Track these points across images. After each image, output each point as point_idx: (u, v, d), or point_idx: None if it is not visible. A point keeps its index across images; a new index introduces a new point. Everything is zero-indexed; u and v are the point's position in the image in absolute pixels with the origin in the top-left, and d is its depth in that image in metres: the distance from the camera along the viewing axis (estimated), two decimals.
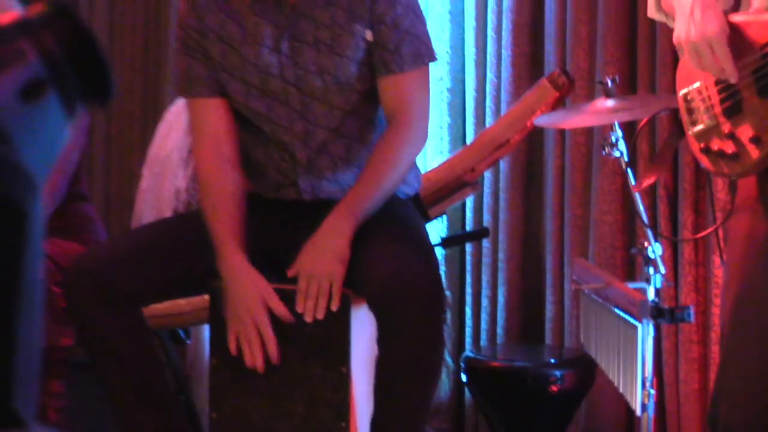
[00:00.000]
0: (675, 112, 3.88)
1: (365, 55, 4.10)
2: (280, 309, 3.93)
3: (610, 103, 4.16)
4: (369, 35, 4.08)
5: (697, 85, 3.51)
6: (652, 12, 3.67)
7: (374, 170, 4.08)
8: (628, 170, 4.15)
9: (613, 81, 4.21)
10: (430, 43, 4.21)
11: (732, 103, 3.44)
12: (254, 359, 3.94)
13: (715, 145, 3.49)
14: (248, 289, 3.96)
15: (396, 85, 4.13)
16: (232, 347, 3.97)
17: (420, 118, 4.17)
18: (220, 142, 4.18)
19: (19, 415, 1.35)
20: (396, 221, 4.12)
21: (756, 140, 3.40)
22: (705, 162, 3.55)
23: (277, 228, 4.15)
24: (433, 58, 4.22)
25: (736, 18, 3.45)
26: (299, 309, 3.93)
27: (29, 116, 1.42)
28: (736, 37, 3.39)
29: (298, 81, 4.09)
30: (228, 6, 4.12)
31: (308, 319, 3.92)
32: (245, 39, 4.11)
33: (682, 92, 3.55)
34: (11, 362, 1.37)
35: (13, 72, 1.41)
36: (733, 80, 3.40)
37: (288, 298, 3.96)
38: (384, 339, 3.89)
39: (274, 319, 3.96)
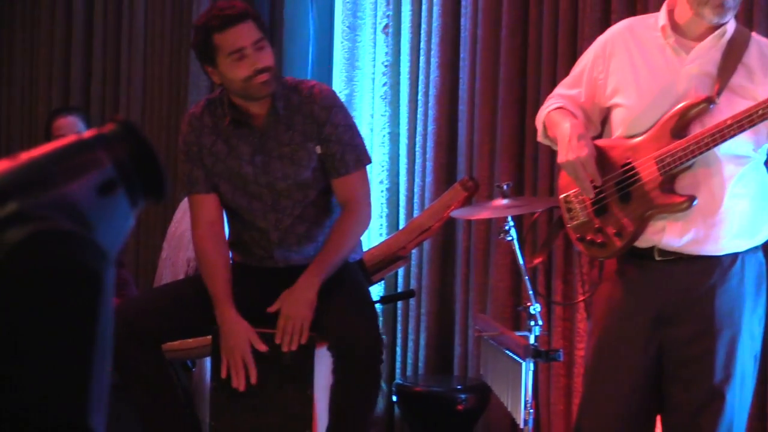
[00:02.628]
0: (552, 210, 3.95)
1: (317, 163, 4.17)
2: (260, 345, 4.03)
3: (504, 201, 4.16)
4: (319, 149, 4.16)
5: (574, 191, 3.59)
6: (540, 138, 3.74)
7: (333, 243, 4.15)
8: (517, 250, 4.15)
9: (507, 186, 4.21)
10: (366, 149, 4.30)
11: (601, 206, 3.52)
12: (239, 382, 4.02)
13: (589, 236, 3.56)
14: (237, 332, 4.04)
15: (344, 183, 4.20)
16: (224, 373, 4.04)
17: (364, 206, 4.25)
18: (213, 225, 4.24)
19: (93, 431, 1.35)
20: (349, 287, 4.19)
21: (618, 235, 3.48)
22: (581, 247, 3.63)
23: (261, 287, 4.17)
24: (369, 161, 4.32)
25: (603, 142, 3.54)
26: (278, 341, 4.01)
27: (104, 207, 1.39)
28: (603, 157, 3.48)
29: (269, 184, 4.17)
30: (217, 130, 4.20)
31: (284, 348, 4.01)
32: (229, 154, 4.19)
33: (562, 196, 3.63)
34: (88, 391, 1.36)
35: (93, 174, 1.39)
36: (590, 196, 3.50)
37: (267, 338, 4.02)
38: (338, 371, 4.00)
39: (258, 355, 4.03)
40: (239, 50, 4.02)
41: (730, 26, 3.44)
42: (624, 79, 3.53)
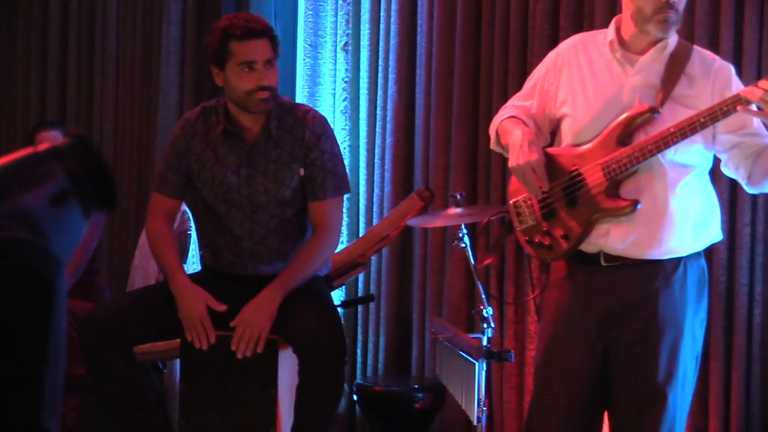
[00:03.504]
0: (503, 217, 3.95)
1: (298, 184, 4.16)
2: (216, 306, 4.06)
3: (458, 210, 4.17)
4: (302, 171, 4.16)
5: (523, 196, 3.59)
6: (493, 145, 3.75)
7: (301, 260, 4.15)
8: (470, 256, 4.12)
9: (460, 195, 4.22)
10: (347, 180, 4.31)
11: (548, 210, 3.53)
12: (201, 343, 4.03)
13: (537, 238, 3.57)
14: (193, 297, 4.07)
15: (320, 207, 4.20)
16: (189, 336, 4.05)
17: (335, 231, 4.26)
18: (166, 221, 4.26)
19: (48, 431, 1.34)
20: (314, 293, 4.18)
21: (565, 237, 3.49)
22: (529, 249, 3.64)
23: (229, 292, 4.13)
24: (347, 191, 4.35)
25: (552, 150, 3.56)
26: (233, 347, 4.01)
27: (57, 217, 1.38)
28: (552, 164, 3.48)
29: (249, 196, 4.16)
30: (207, 137, 4.19)
31: (239, 355, 4.01)
32: (216, 162, 4.18)
33: (512, 201, 3.64)
34: (42, 392, 1.35)
35: (46, 185, 1.39)
36: (538, 197, 3.51)
37: (225, 342, 4.02)
38: (303, 372, 3.97)
39: (228, 367, 4.03)
40: (250, 63, 4.04)
41: (672, 40, 3.47)
42: (573, 91, 3.55)
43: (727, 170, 3.54)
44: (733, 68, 3.53)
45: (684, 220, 3.45)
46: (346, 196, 4.67)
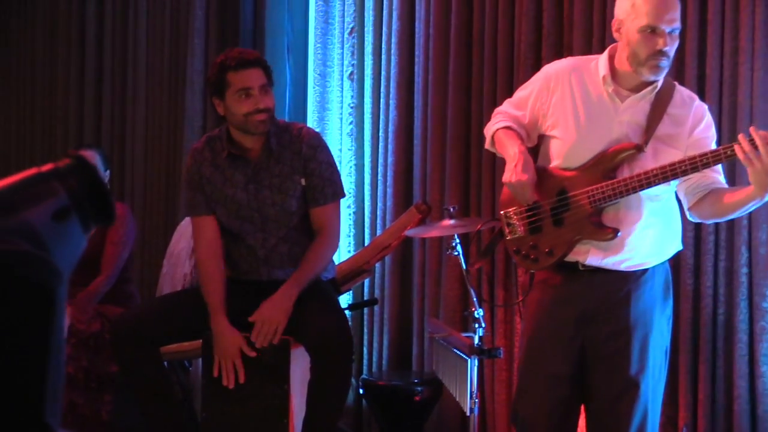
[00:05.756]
0: (494, 227, 3.94)
1: (301, 193, 4.18)
2: (247, 351, 4.03)
3: (452, 222, 4.15)
4: (303, 181, 4.17)
5: (514, 208, 3.57)
6: (488, 146, 3.70)
7: (308, 262, 4.16)
8: (463, 263, 4.12)
9: (454, 208, 4.20)
10: (342, 186, 4.31)
11: (536, 226, 3.52)
12: (229, 381, 4.03)
13: (524, 250, 3.56)
14: (230, 339, 4.05)
15: (320, 212, 4.22)
16: (216, 372, 4.04)
17: (335, 232, 4.27)
18: (213, 244, 4.22)
19: (50, 427, 1.33)
20: (323, 297, 4.19)
21: (549, 253, 3.50)
22: (516, 259, 3.64)
23: (245, 298, 4.13)
24: (344, 195, 4.33)
25: (542, 168, 3.52)
26: (253, 339, 4.02)
27: (59, 231, 1.37)
28: (543, 181, 3.47)
29: (259, 209, 4.17)
30: (215, 162, 4.21)
31: (258, 345, 4.03)
32: (225, 183, 4.20)
33: (503, 211, 3.61)
34: (44, 391, 1.34)
35: (49, 202, 1.38)
36: (526, 205, 3.49)
37: (250, 342, 4.03)
38: (314, 369, 3.99)
39: (245, 365, 4.05)
40: (247, 89, 4.06)
41: (662, 76, 3.42)
42: (564, 116, 3.49)
43: (677, 190, 3.53)
44: (707, 107, 3.52)
45: (652, 239, 3.47)
46: (345, 204, 4.67)
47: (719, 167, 3.43)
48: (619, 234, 3.39)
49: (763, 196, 3.21)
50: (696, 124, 3.43)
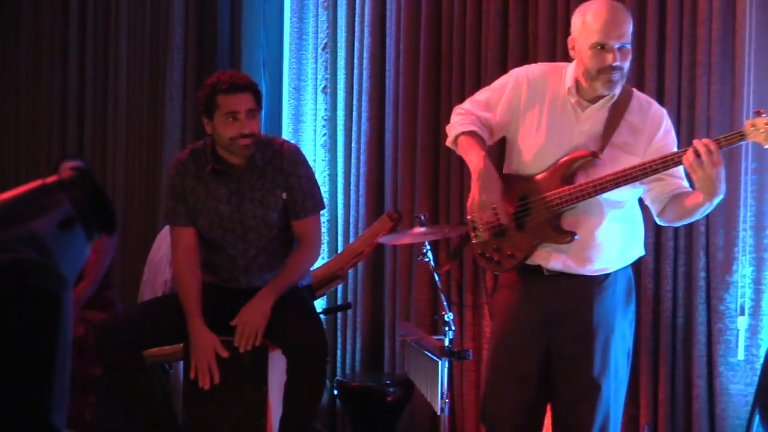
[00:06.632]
0: (461, 234, 3.94)
1: (282, 207, 4.17)
2: (223, 352, 4.01)
3: (423, 229, 4.15)
4: (284, 195, 4.17)
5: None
6: (449, 143, 3.64)
7: (288, 269, 4.18)
8: (433, 268, 4.16)
9: (424, 216, 4.21)
10: (322, 198, 4.32)
11: (499, 230, 3.52)
12: (204, 382, 4.00)
13: (488, 253, 3.57)
14: (204, 342, 4.03)
15: (302, 224, 4.21)
16: (192, 375, 4.03)
17: (316, 243, 4.28)
18: (190, 253, 4.20)
19: (56, 428, 1.32)
20: (299, 303, 4.19)
21: (511, 256, 3.50)
22: (481, 261, 3.64)
23: (225, 304, 4.14)
24: (323, 207, 4.33)
25: (507, 175, 3.53)
26: (236, 344, 4.01)
27: (64, 240, 1.38)
28: (506, 187, 3.45)
29: (241, 221, 4.16)
30: (199, 175, 4.19)
31: (241, 350, 4.02)
32: (208, 195, 4.18)
33: (470, 217, 3.59)
34: (51, 394, 1.35)
35: (54, 212, 1.38)
36: (505, 222, 3.48)
37: (229, 345, 4.02)
38: (291, 370, 3.99)
39: (222, 358, 4.02)
40: (234, 113, 4.04)
41: (618, 87, 3.42)
42: (530, 124, 3.49)
43: (644, 198, 3.54)
44: (665, 111, 3.53)
45: (613, 245, 3.49)
46: (324, 216, 4.66)
47: (682, 172, 3.44)
48: (576, 237, 3.40)
49: (710, 201, 3.25)
50: (654, 131, 3.44)
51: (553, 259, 3.47)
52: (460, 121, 3.60)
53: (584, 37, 3.36)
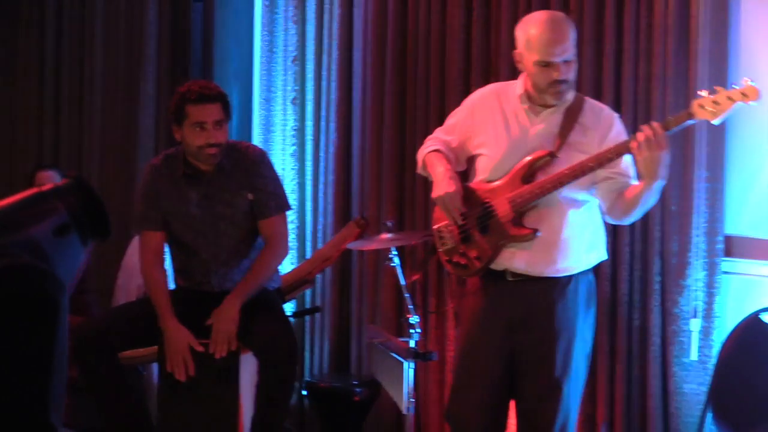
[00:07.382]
0: (426, 241, 3.96)
1: (248, 207, 4.17)
2: (197, 347, 4.02)
3: (389, 235, 4.19)
4: (250, 196, 4.17)
5: (445, 223, 3.59)
6: (419, 170, 3.72)
7: (255, 272, 4.17)
8: (399, 273, 4.19)
9: (391, 223, 4.25)
10: (287, 198, 4.32)
11: (465, 235, 3.55)
12: (180, 375, 4.00)
13: (455, 258, 3.59)
14: (178, 337, 4.04)
15: (268, 224, 4.20)
16: (169, 368, 4.02)
17: (283, 242, 4.28)
18: (157, 255, 4.22)
19: (54, 427, 1.32)
20: (270, 306, 4.20)
21: (478, 258, 3.53)
22: (449, 267, 3.66)
23: (199, 306, 4.14)
24: (289, 208, 4.34)
25: (470, 185, 3.57)
26: (211, 350, 4.01)
27: (60, 246, 1.39)
28: (468, 195, 3.51)
29: (212, 224, 4.17)
30: (172, 180, 4.19)
31: (217, 356, 4.01)
32: (180, 199, 4.18)
33: (436, 227, 3.65)
34: (49, 394, 1.36)
35: (50, 219, 1.39)
36: (458, 222, 3.51)
37: (204, 347, 4.03)
38: (262, 372, 4.00)
39: (198, 368, 4.02)
40: (201, 123, 4.05)
41: (570, 95, 3.48)
42: (488, 135, 3.55)
43: (595, 196, 3.54)
44: (617, 115, 3.58)
45: (575, 245, 3.51)
46: (289, 219, 4.64)
47: (631, 171, 3.46)
48: (538, 234, 3.42)
49: (652, 184, 3.29)
50: (606, 131, 3.49)
51: (518, 258, 3.49)
52: (426, 145, 3.69)
53: (529, 53, 3.42)
